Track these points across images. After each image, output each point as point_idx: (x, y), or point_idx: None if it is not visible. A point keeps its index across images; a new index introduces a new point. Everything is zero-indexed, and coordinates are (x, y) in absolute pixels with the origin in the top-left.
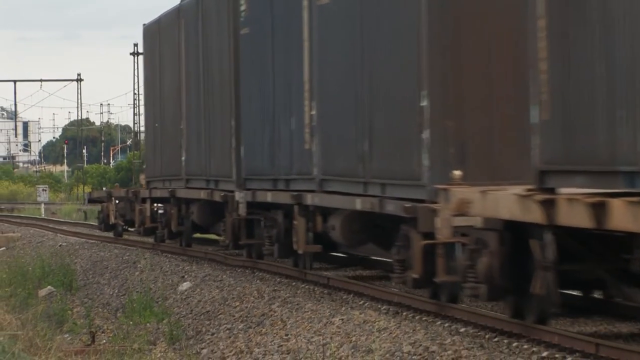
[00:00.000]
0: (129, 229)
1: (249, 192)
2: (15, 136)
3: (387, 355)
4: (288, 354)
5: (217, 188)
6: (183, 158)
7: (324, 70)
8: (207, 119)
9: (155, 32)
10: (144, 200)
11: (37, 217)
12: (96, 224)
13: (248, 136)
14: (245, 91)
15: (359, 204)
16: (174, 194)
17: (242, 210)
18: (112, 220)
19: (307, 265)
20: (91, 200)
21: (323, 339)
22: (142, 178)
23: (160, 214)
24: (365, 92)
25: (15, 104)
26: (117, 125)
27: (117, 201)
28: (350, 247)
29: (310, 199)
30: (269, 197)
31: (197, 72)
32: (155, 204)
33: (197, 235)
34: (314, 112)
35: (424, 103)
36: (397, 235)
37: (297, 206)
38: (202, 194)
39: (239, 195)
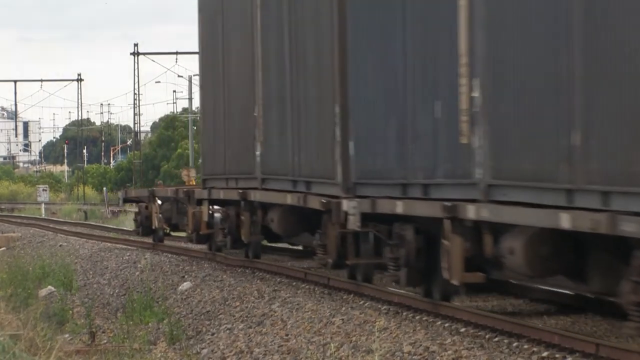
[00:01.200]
0: (171, 233)
1: (365, 200)
2: (16, 136)
3: (388, 355)
4: (288, 354)
5: (310, 192)
6: (258, 152)
7: (498, 38)
8: (295, 105)
9: (216, 0)
10: (198, 202)
11: (38, 217)
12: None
13: (360, 127)
14: (356, 69)
15: (566, 222)
16: (246, 196)
17: (354, 222)
18: (156, 224)
19: (461, 296)
20: (127, 201)
21: (323, 339)
22: (185, 174)
23: (220, 219)
24: (576, 66)
25: (16, 104)
26: (117, 125)
27: (160, 202)
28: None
29: (473, 212)
30: (398, 207)
31: (280, 47)
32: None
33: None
34: (476, 94)
35: None
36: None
37: (449, 221)
38: (289, 199)
39: (348, 204)
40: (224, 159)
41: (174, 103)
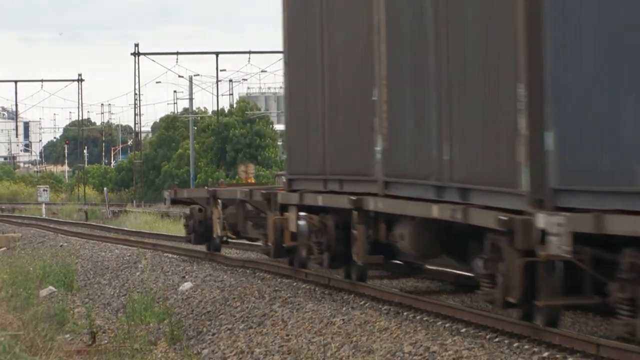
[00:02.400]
0: (229, 240)
1: (580, 215)
2: (16, 136)
3: (388, 355)
4: (289, 354)
5: (467, 202)
6: (378, 148)
7: None
8: (443, 84)
9: None
10: (282, 208)
11: (38, 217)
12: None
13: (564, 117)
14: (559, 33)
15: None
16: (362, 204)
17: (561, 246)
18: (219, 231)
19: None
20: (176, 202)
21: (324, 339)
22: (242, 170)
23: (309, 229)
24: None
25: (16, 104)
26: (118, 125)
27: (222, 204)
28: None
29: None
30: None
31: (418, 6)
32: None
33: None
34: None
35: None
36: None
37: None
38: (436, 211)
39: (548, 220)
40: (322, 155)
41: (174, 103)
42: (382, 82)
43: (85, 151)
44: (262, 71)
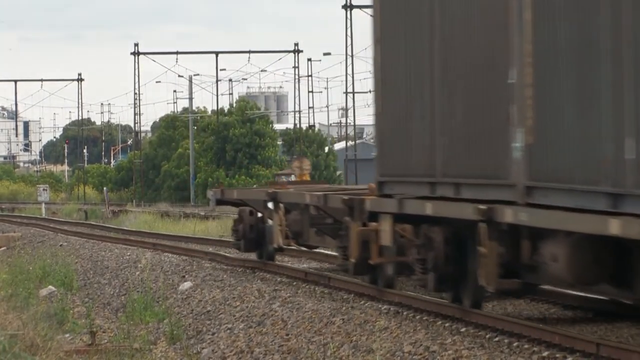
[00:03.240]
0: (283, 248)
1: None
2: (16, 136)
3: (388, 355)
4: (289, 353)
5: None
6: (518, 144)
7: None
8: (627, 60)
9: None
10: (372, 216)
11: (38, 216)
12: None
13: None
14: None
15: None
16: (494, 215)
17: None
18: (280, 240)
19: None
20: (223, 203)
21: (324, 339)
22: (296, 166)
23: (412, 244)
24: None
25: (16, 104)
26: (117, 125)
27: (284, 208)
28: None
29: None
30: None
31: None
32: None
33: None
34: None
35: None
36: None
37: None
38: (618, 227)
39: None
40: (429, 151)
41: (174, 103)
42: (525, 60)
43: (85, 151)
44: (262, 71)
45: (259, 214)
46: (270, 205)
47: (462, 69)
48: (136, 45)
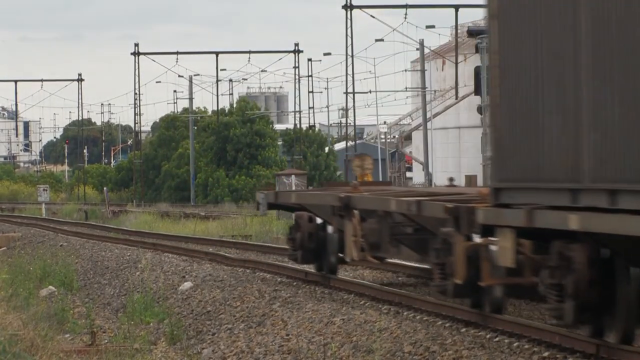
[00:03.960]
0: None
1: None
2: (16, 136)
3: (388, 355)
4: (289, 354)
5: None
6: None
7: None
8: None
9: None
10: (486, 230)
11: (38, 217)
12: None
13: None
14: None
15: None
16: None
17: None
18: (355, 253)
19: None
20: (275, 207)
21: (324, 339)
22: (357, 165)
23: (549, 266)
24: None
25: (16, 104)
26: (118, 125)
27: (358, 215)
28: None
29: None
30: None
31: None
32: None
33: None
34: None
35: None
36: None
37: None
38: None
39: None
40: (572, 151)
41: (174, 103)
42: None
43: (85, 151)
44: (262, 71)
45: (318, 220)
46: (338, 211)
47: (621, 49)
48: (136, 45)
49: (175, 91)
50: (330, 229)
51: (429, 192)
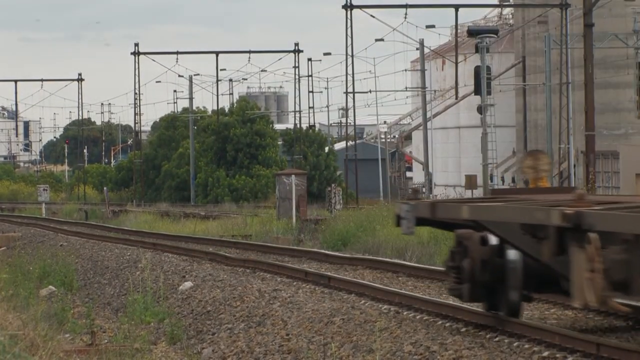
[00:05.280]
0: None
1: None
2: (16, 136)
3: (388, 355)
4: (289, 353)
5: None
6: None
7: None
8: None
9: None
10: None
11: (38, 216)
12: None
13: None
14: None
15: None
16: None
17: None
18: (590, 296)
19: None
20: (429, 223)
21: (324, 339)
22: (529, 166)
23: None
24: None
25: (17, 104)
26: (118, 125)
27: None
28: None
29: None
30: None
31: None
32: None
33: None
34: None
35: None
36: None
37: None
38: None
39: None
40: None
41: (174, 103)
42: None
43: (85, 151)
44: (262, 71)
45: (492, 240)
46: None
47: None
48: (136, 45)
49: (175, 91)
50: (512, 254)
51: None
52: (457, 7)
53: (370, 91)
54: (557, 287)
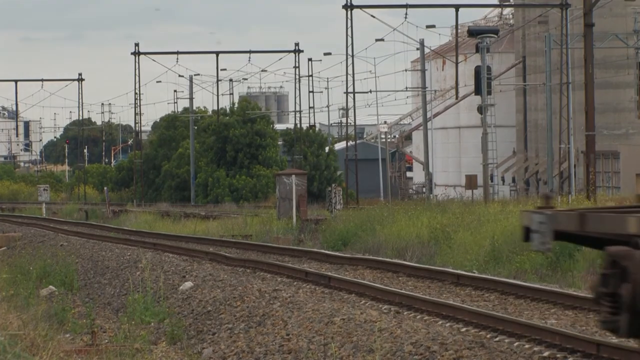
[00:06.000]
0: None
1: None
2: (17, 136)
3: (389, 355)
4: (289, 353)
5: None
6: None
7: None
8: None
9: None
10: None
11: (38, 216)
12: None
13: None
14: None
15: None
16: None
17: None
18: None
19: None
20: (572, 238)
21: (324, 339)
22: None
23: None
24: None
25: (17, 104)
26: (118, 125)
27: None
28: None
29: None
30: None
31: None
32: None
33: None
34: None
35: None
36: None
37: None
38: None
39: None
40: None
41: (174, 103)
42: None
43: (85, 151)
44: (262, 71)
45: None
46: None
47: None
48: (136, 45)
49: (175, 91)
50: None
51: None
52: (457, 7)
53: (370, 91)
54: None
